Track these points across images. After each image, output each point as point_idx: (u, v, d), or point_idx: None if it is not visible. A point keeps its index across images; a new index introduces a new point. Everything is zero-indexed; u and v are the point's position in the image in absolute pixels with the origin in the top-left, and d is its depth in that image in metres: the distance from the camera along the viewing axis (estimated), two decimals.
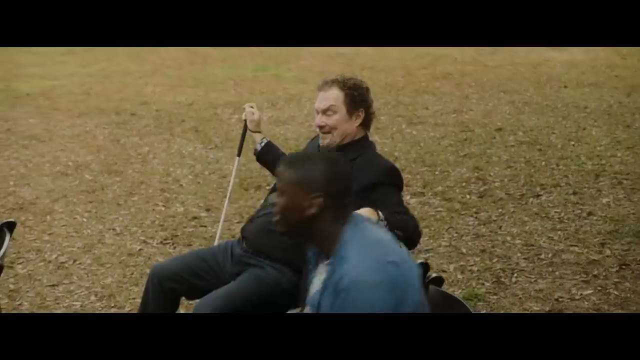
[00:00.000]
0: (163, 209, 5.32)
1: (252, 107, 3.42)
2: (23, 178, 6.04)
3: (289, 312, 2.73)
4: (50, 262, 4.47)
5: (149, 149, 6.85)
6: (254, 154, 3.39)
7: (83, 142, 7.10)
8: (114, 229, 4.95)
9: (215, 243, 3.38)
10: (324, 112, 2.92)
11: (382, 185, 2.80)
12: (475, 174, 5.82)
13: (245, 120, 3.42)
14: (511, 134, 6.99)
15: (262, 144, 3.35)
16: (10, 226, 2.86)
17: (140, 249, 4.62)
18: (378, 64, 10.83)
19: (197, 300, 3.16)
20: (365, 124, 2.97)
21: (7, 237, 2.79)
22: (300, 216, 2.06)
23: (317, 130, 2.98)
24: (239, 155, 3.63)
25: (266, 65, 11.30)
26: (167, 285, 2.95)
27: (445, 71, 10.33)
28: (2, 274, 4.18)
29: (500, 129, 7.18)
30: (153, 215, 5.19)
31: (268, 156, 3.33)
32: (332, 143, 2.92)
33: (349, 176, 2.13)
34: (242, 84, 9.95)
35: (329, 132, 2.92)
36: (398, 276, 1.95)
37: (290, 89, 9.44)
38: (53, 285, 4.17)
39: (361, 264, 1.95)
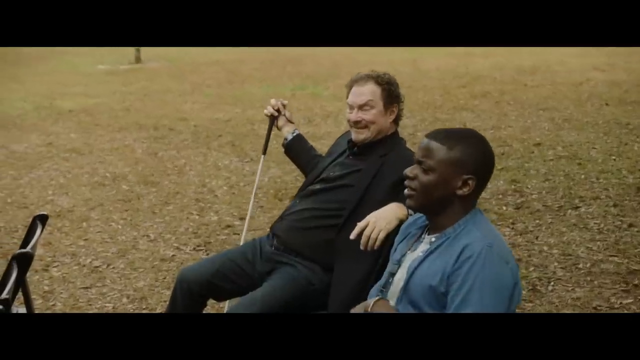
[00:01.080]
0: (197, 217, 5.34)
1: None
2: (61, 188, 6.13)
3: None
4: (84, 266, 4.51)
5: (185, 161, 6.91)
6: (283, 145, 3.34)
7: (121, 155, 7.20)
8: (148, 236, 4.98)
9: (241, 242, 3.38)
10: (361, 107, 2.87)
11: None
12: (512, 186, 5.73)
13: (270, 116, 3.32)
14: (550, 148, 6.87)
15: (294, 134, 3.31)
16: (43, 219, 2.90)
17: (173, 255, 4.64)
18: (416, 83, 10.79)
19: (229, 302, 3.15)
20: (397, 120, 2.94)
21: (39, 229, 2.82)
22: (446, 194, 2.01)
23: (351, 125, 2.92)
24: (264, 153, 3.55)
25: (304, 85, 11.38)
26: (195, 290, 2.91)
27: (484, 90, 10.25)
28: (37, 276, 4.28)
29: (538, 144, 7.06)
30: (187, 223, 5.21)
31: (297, 148, 3.28)
32: (367, 138, 2.89)
33: (494, 161, 2.09)
34: None
35: (365, 127, 2.87)
36: (515, 266, 1.94)
37: (328, 107, 9.46)
38: (86, 288, 4.20)
39: (491, 239, 1.94)
